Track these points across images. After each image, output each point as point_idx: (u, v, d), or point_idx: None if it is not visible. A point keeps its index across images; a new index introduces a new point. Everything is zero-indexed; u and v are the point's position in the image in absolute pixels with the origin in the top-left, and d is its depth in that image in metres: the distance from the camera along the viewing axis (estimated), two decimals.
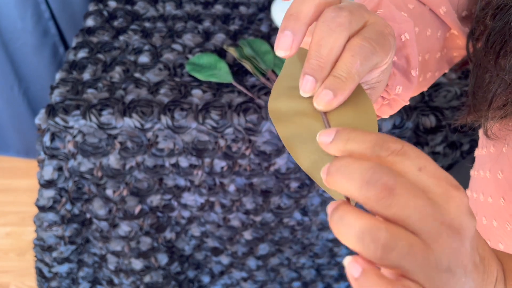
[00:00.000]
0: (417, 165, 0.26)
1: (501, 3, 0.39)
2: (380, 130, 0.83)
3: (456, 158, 0.87)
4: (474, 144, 0.87)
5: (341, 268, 1.11)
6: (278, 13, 1.01)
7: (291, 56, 0.31)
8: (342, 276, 1.13)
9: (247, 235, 1.02)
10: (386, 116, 0.46)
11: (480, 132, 0.55)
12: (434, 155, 0.87)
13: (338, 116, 0.30)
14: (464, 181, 0.60)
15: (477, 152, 0.55)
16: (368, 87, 0.36)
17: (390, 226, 0.25)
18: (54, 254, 1.00)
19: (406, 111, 0.83)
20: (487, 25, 0.42)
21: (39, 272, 1.06)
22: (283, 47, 0.31)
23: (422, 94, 0.86)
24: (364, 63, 0.30)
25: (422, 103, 0.85)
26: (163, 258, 1.03)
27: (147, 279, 1.05)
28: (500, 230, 0.49)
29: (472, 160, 0.58)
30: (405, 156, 0.26)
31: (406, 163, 0.26)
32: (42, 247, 0.99)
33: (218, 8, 1.06)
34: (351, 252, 1.00)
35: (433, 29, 0.47)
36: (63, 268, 1.04)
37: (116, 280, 1.07)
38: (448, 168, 0.89)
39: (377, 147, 0.26)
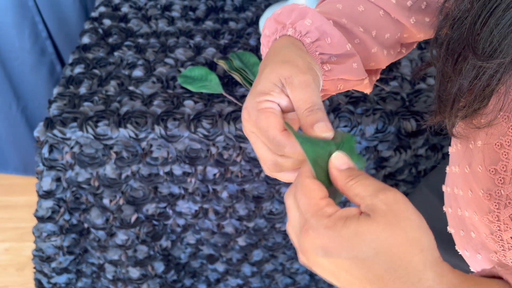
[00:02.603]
0: (296, 206, 0.37)
1: (456, 16, 0.44)
2: (363, 135, 0.87)
3: (438, 160, 0.91)
4: None
5: None
6: None
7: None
8: None
9: (241, 241, 1.05)
10: (365, 88, 0.54)
11: None
12: (417, 157, 0.91)
13: None
14: (444, 180, 0.64)
15: (450, 150, 0.59)
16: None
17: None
18: (53, 264, 1.02)
19: (388, 115, 0.87)
20: (447, 34, 0.46)
21: (38, 284, 1.08)
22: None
23: (403, 99, 0.90)
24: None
25: (403, 108, 0.89)
26: (159, 267, 1.06)
27: (144, 287, 1.07)
28: (471, 220, 0.53)
29: None
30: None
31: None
32: (41, 258, 1.01)
33: (209, 24, 1.10)
34: None
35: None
36: (61, 279, 1.07)
37: None
38: (431, 169, 0.92)
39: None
